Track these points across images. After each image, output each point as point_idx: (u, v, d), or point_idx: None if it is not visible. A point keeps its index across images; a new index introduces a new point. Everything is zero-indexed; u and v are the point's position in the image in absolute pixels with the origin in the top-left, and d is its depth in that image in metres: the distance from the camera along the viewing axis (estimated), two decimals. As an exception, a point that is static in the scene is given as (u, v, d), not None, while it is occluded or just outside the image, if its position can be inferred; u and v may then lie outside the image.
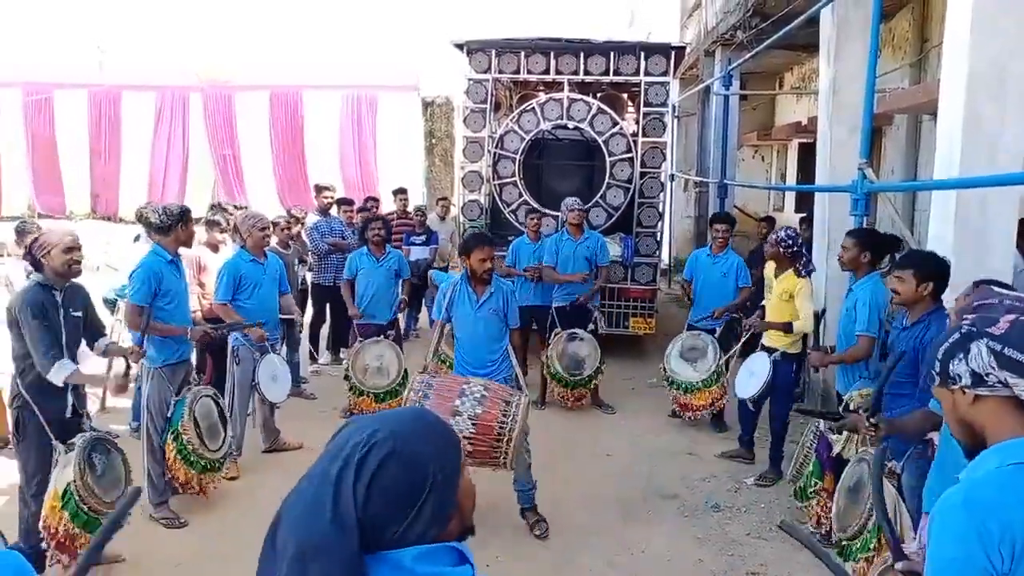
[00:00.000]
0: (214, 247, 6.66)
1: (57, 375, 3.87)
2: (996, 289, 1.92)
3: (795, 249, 5.60)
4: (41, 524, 3.85)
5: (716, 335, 6.61)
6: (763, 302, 6.05)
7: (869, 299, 4.52)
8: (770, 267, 5.94)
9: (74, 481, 3.80)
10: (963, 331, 1.70)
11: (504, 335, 5.04)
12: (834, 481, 4.53)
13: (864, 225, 5.41)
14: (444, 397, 4.36)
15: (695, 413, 6.58)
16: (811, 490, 4.59)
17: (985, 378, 1.64)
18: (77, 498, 3.80)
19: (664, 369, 6.69)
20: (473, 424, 4.24)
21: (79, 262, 4.10)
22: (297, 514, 1.20)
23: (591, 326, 7.28)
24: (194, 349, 5.19)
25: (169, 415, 4.81)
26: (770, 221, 9.40)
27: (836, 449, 4.47)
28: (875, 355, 4.66)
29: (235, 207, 8.29)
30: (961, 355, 1.68)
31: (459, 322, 5.02)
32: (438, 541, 1.24)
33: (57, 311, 4.01)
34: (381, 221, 7.12)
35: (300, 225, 8.28)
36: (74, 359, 4.12)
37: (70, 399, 4.08)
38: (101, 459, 4.02)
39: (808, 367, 5.37)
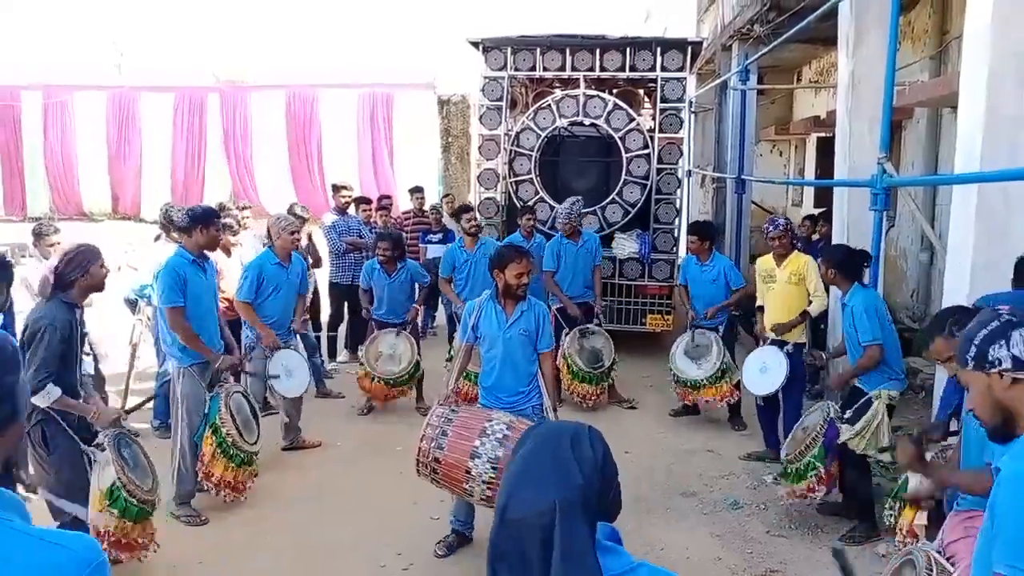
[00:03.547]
0: (226, 250, 6.62)
1: (43, 399, 3.74)
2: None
3: (793, 230, 5.76)
4: (91, 527, 3.87)
5: (720, 333, 6.62)
6: (758, 303, 6.07)
7: (864, 307, 4.54)
8: (765, 261, 5.96)
9: (118, 478, 3.85)
10: (1003, 319, 1.83)
11: (534, 361, 4.51)
12: (839, 466, 4.66)
13: (884, 221, 5.38)
14: (463, 436, 4.08)
15: (708, 405, 6.68)
16: (811, 473, 4.61)
17: None
18: (125, 493, 3.87)
19: (670, 368, 6.72)
20: (494, 468, 3.94)
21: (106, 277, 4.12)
22: (541, 485, 1.40)
23: (596, 320, 7.33)
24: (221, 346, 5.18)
25: (206, 411, 4.87)
26: (813, 219, 9.05)
27: (843, 438, 4.50)
28: (898, 354, 4.66)
29: (241, 207, 8.32)
30: (1002, 341, 1.80)
31: (485, 344, 4.48)
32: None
33: (77, 330, 3.99)
34: (390, 241, 7.00)
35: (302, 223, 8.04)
36: (80, 372, 4.09)
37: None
38: (128, 451, 4.08)
39: (827, 387, 5.41)
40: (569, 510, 1.36)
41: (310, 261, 7.90)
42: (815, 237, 8.51)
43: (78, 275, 3.94)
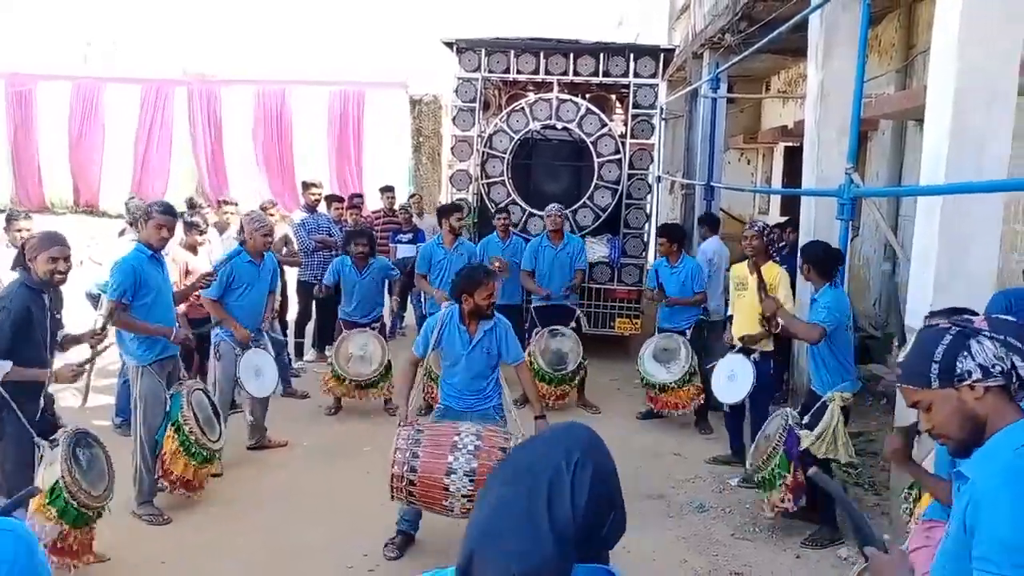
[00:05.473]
0: (193, 248, 6.49)
1: None
2: (967, 317, 1.98)
3: (772, 237, 5.79)
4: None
5: (687, 336, 6.68)
6: (729, 311, 6.12)
7: (829, 303, 4.67)
8: (739, 268, 6.02)
9: (62, 477, 3.73)
10: (953, 331, 1.79)
11: (496, 368, 4.65)
12: (803, 474, 4.61)
13: (849, 229, 5.47)
14: (435, 455, 4.04)
15: (675, 409, 6.71)
16: (779, 482, 4.66)
17: (991, 369, 1.73)
18: (67, 494, 3.74)
19: (638, 371, 6.76)
20: (471, 481, 3.94)
21: (63, 273, 3.97)
22: (503, 547, 1.19)
23: (573, 324, 7.34)
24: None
25: (167, 409, 4.79)
26: (781, 227, 9.12)
27: (804, 444, 4.55)
28: (850, 354, 4.78)
29: (225, 201, 8.24)
30: (965, 352, 1.75)
31: (448, 360, 4.61)
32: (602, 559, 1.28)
33: (44, 313, 3.92)
34: (365, 236, 6.99)
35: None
36: (52, 357, 4.06)
37: (42, 401, 3.98)
38: (85, 453, 3.96)
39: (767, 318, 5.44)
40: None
41: (285, 252, 7.86)
42: (781, 243, 8.62)
43: (29, 256, 3.90)
